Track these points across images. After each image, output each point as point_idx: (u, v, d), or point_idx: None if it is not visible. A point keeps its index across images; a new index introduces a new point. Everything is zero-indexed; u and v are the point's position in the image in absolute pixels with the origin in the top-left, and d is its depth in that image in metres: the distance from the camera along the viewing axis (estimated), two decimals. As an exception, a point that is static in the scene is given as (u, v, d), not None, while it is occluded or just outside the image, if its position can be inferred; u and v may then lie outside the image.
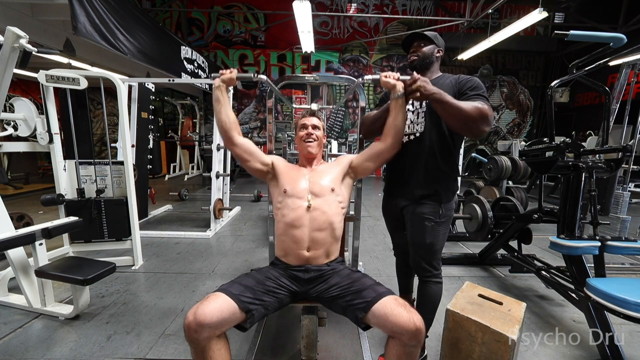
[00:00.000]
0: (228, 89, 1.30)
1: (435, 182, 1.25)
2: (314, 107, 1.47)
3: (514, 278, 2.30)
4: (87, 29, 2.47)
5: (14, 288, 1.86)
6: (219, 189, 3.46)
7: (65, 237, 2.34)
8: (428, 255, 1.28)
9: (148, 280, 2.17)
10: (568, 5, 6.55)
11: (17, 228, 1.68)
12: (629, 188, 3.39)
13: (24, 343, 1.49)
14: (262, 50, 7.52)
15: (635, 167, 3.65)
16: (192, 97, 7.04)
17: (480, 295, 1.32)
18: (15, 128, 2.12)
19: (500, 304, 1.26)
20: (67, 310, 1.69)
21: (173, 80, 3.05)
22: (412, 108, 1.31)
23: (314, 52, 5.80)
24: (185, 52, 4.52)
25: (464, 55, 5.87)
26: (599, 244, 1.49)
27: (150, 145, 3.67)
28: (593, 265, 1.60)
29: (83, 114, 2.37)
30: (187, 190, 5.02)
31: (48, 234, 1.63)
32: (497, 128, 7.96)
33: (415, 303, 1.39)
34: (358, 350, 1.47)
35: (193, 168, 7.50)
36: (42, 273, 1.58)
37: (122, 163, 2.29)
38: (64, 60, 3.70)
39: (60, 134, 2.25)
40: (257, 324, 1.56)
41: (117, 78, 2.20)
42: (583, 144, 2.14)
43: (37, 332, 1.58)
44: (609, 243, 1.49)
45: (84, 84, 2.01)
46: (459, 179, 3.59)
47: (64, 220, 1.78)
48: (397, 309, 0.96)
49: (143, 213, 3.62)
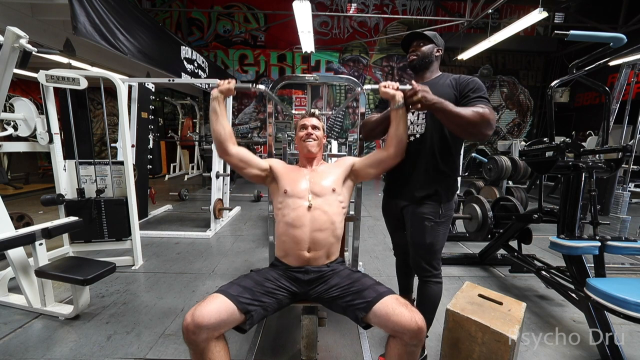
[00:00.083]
0: (225, 99, 1.28)
1: (436, 182, 1.25)
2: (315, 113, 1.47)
3: (514, 278, 2.31)
4: (87, 29, 2.47)
5: (14, 288, 1.86)
6: (219, 189, 3.46)
7: (65, 237, 2.34)
8: (428, 255, 1.28)
9: (148, 280, 2.17)
10: (568, 5, 6.54)
11: (17, 228, 1.68)
12: (629, 188, 3.39)
13: (24, 343, 1.49)
14: (262, 50, 7.52)
15: (635, 167, 3.65)
16: (192, 97, 7.04)
17: (480, 295, 1.32)
18: (15, 128, 2.12)
19: (500, 304, 1.26)
20: (67, 310, 1.69)
21: (173, 80, 3.04)
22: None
23: (314, 52, 5.79)
24: (185, 52, 4.51)
25: (464, 55, 5.87)
26: (599, 244, 1.49)
27: (150, 145, 3.67)
28: (593, 265, 1.60)
29: (83, 114, 2.37)
30: (187, 190, 5.02)
31: (48, 234, 1.63)
32: (497, 128, 7.96)
33: (415, 303, 1.39)
34: (358, 350, 1.47)
35: (193, 168, 7.50)
36: (42, 273, 1.58)
37: (122, 163, 2.29)
38: (64, 60, 3.70)
39: (60, 134, 2.25)
40: (257, 324, 1.56)
41: (117, 78, 2.20)
42: (583, 144, 2.14)
43: (37, 332, 1.58)
44: (609, 243, 1.49)
45: (84, 84, 2.02)
46: (459, 179, 3.59)
47: (64, 220, 1.78)
48: (398, 309, 0.96)
49: (143, 213, 3.62)
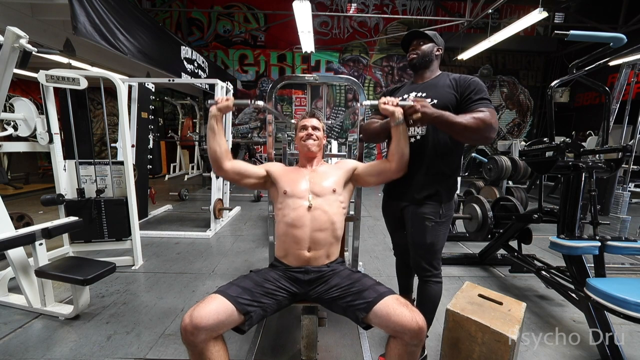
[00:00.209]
0: (224, 115, 1.27)
1: (437, 182, 1.25)
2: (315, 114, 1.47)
3: (514, 278, 2.30)
4: (87, 29, 2.47)
5: (14, 288, 1.86)
6: (219, 189, 3.46)
7: (65, 237, 2.34)
8: (428, 255, 1.28)
9: (148, 280, 2.17)
10: (568, 5, 6.54)
11: (17, 228, 1.68)
12: (629, 188, 3.39)
13: (24, 343, 1.49)
14: (262, 50, 7.51)
15: (635, 167, 3.66)
16: (192, 97, 7.04)
17: (480, 295, 1.32)
18: (15, 128, 2.12)
19: (500, 304, 1.26)
20: (67, 310, 1.69)
21: (173, 80, 3.05)
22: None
23: (314, 52, 5.79)
24: (185, 52, 4.51)
25: (464, 55, 5.86)
26: (599, 244, 1.49)
27: (150, 145, 3.67)
28: (593, 265, 1.60)
29: (83, 114, 2.37)
30: (187, 190, 5.02)
31: (48, 234, 1.63)
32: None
33: (415, 303, 1.39)
34: (358, 350, 1.47)
35: (193, 168, 7.50)
36: (42, 273, 1.58)
37: (122, 163, 2.29)
38: (64, 60, 3.69)
39: (60, 134, 2.25)
40: (257, 324, 1.56)
41: (117, 78, 2.20)
42: (583, 144, 2.14)
43: (37, 332, 1.58)
44: (609, 243, 1.49)
45: (84, 84, 2.01)
46: (459, 179, 3.59)
47: (64, 220, 1.78)
48: (399, 309, 0.96)
49: (143, 213, 3.62)
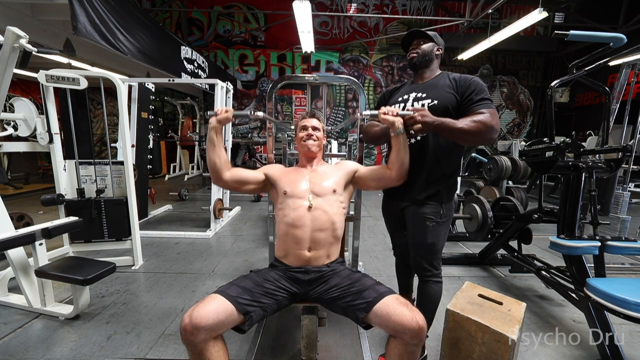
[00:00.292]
0: (224, 127, 1.26)
1: (437, 183, 1.25)
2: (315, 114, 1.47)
3: (514, 278, 2.30)
4: (87, 29, 2.46)
5: (14, 288, 1.86)
6: (219, 189, 3.46)
7: (65, 237, 2.34)
8: (429, 255, 1.28)
9: (148, 280, 2.17)
10: (568, 5, 6.54)
11: (17, 228, 1.68)
12: (629, 188, 3.39)
13: (24, 343, 1.49)
14: (262, 50, 7.51)
15: (635, 167, 3.66)
16: (192, 97, 7.04)
17: (480, 295, 1.32)
18: (15, 128, 2.12)
19: (500, 304, 1.26)
20: (67, 310, 1.69)
21: (173, 80, 3.05)
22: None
23: (314, 52, 5.79)
24: (185, 52, 4.51)
25: (464, 55, 5.86)
26: (599, 244, 1.49)
27: (150, 145, 3.67)
28: (593, 265, 1.60)
29: (83, 114, 2.37)
30: (187, 190, 5.02)
31: (48, 234, 1.63)
32: (497, 128, 7.94)
33: (416, 303, 1.39)
34: (358, 350, 1.47)
35: (193, 168, 7.50)
36: (42, 273, 1.58)
37: (122, 163, 2.29)
38: (64, 60, 3.70)
39: (60, 134, 2.25)
40: (257, 324, 1.56)
41: (117, 78, 2.20)
42: (583, 144, 2.13)
43: (37, 332, 1.58)
44: (609, 243, 1.49)
45: (84, 84, 2.01)
46: (459, 179, 3.59)
47: (64, 220, 1.78)
48: (399, 308, 0.96)
49: (143, 213, 3.62)
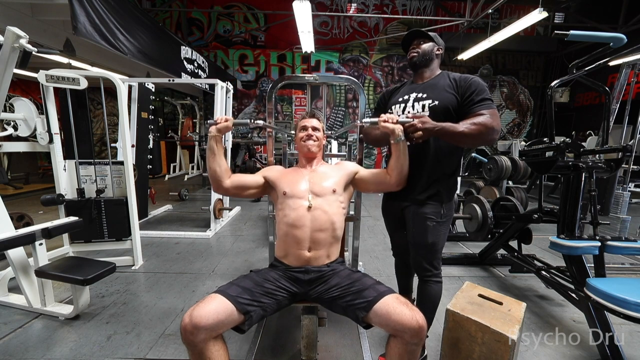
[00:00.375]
0: (224, 136, 1.26)
1: (437, 183, 1.26)
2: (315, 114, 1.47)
3: (514, 278, 2.30)
4: (87, 29, 2.47)
5: (14, 288, 1.86)
6: (219, 189, 3.46)
7: (65, 237, 2.34)
8: (429, 255, 1.28)
9: (148, 280, 2.17)
10: (568, 5, 6.54)
11: (17, 228, 1.68)
12: (629, 188, 3.39)
13: (24, 343, 1.49)
14: (262, 50, 7.51)
15: (635, 167, 3.66)
16: (192, 97, 7.04)
17: (480, 295, 1.32)
18: (15, 128, 2.12)
19: (500, 304, 1.26)
20: (67, 310, 1.69)
21: (173, 80, 3.05)
22: (413, 111, 1.28)
23: (314, 52, 5.79)
24: (185, 52, 4.51)
25: (464, 55, 5.87)
26: (599, 244, 1.49)
27: (150, 145, 3.67)
28: (593, 265, 1.60)
29: (83, 114, 2.37)
30: (187, 190, 5.02)
31: (48, 234, 1.63)
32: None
33: (415, 303, 1.39)
34: (358, 350, 1.47)
35: (193, 168, 7.50)
36: (42, 273, 1.58)
37: (122, 163, 2.29)
38: (64, 60, 3.70)
39: (60, 134, 2.25)
40: (257, 324, 1.56)
41: (117, 78, 2.20)
42: (583, 144, 2.13)
43: (37, 332, 1.58)
44: (609, 243, 1.49)
45: (84, 84, 2.01)
46: (459, 179, 3.59)
47: (64, 220, 1.78)
48: (399, 308, 0.96)
49: (143, 213, 3.62)
